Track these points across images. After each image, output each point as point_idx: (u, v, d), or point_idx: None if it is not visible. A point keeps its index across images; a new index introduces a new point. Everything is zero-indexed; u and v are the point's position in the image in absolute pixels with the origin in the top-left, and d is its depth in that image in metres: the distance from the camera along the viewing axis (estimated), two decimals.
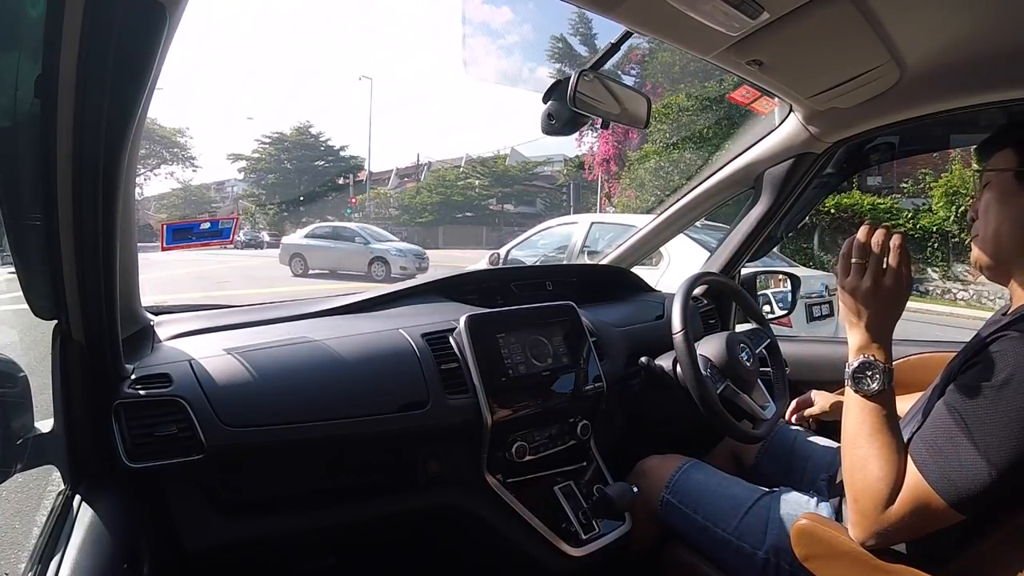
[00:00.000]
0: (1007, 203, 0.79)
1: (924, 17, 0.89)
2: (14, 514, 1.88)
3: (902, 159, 10.60)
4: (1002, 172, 0.80)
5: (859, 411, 0.78)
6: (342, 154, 29.94)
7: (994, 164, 0.82)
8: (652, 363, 1.27)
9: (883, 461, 0.74)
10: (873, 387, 0.77)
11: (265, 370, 0.92)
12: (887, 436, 0.75)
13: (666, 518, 1.11)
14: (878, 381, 0.77)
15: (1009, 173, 0.79)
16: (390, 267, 11.81)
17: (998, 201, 0.80)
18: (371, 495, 1.01)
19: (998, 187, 0.80)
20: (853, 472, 0.77)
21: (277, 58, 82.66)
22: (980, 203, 0.84)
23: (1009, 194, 0.79)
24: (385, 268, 11.81)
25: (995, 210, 0.80)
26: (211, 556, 0.90)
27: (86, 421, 0.80)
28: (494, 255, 5.02)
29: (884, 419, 0.76)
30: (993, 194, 0.81)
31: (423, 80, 79.90)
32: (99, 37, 0.54)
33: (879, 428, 0.76)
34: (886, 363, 0.77)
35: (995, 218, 0.80)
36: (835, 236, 10.70)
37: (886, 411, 0.77)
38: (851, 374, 0.79)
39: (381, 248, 12.42)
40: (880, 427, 0.76)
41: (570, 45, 17.19)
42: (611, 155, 14.99)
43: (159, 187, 31.36)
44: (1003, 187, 0.80)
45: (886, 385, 0.77)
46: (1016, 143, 0.80)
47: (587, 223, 4.80)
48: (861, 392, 0.78)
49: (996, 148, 0.82)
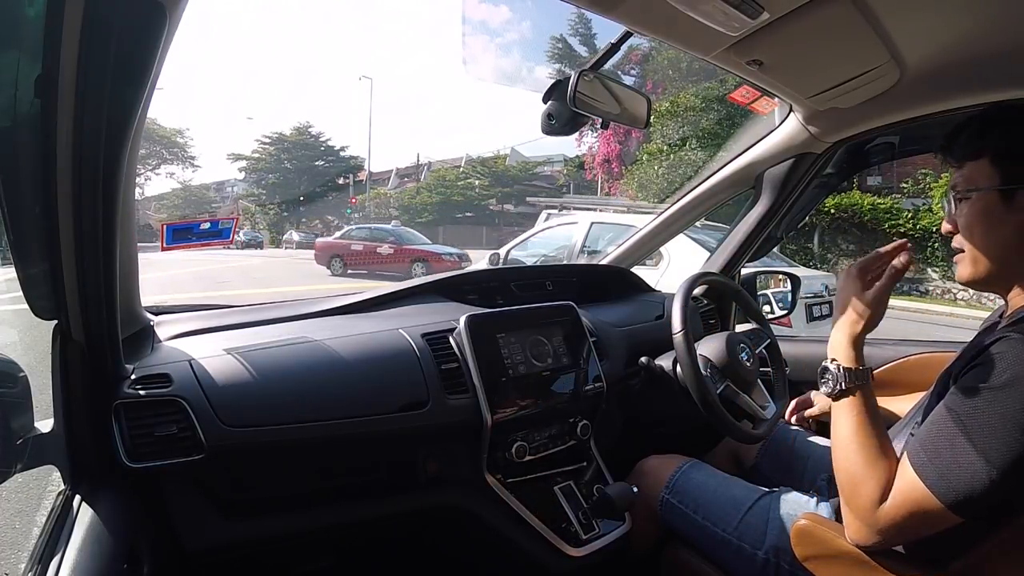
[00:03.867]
0: (995, 225, 0.76)
1: (924, 17, 0.89)
2: (14, 514, 1.88)
3: (902, 159, 10.60)
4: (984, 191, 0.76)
5: (837, 414, 0.82)
6: (342, 154, 29.93)
7: (969, 176, 0.78)
8: (652, 363, 1.27)
9: (866, 460, 0.75)
10: (827, 390, 0.82)
11: (265, 370, 0.92)
12: (866, 436, 0.77)
13: (666, 518, 1.11)
14: (833, 383, 0.81)
15: (992, 191, 0.75)
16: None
17: (983, 221, 0.77)
18: (371, 495, 1.01)
19: (981, 205, 0.76)
20: (840, 474, 0.78)
21: (277, 58, 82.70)
22: (958, 216, 0.80)
23: (995, 215, 0.75)
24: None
25: (982, 230, 0.77)
26: (211, 556, 0.90)
27: (86, 421, 0.80)
28: (494, 255, 5.08)
29: (861, 420, 0.78)
30: (975, 212, 0.77)
31: (423, 80, 79.93)
32: (99, 37, 0.54)
33: (856, 428, 0.78)
34: (854, 366, 0.80)
35: (983, 238, 0.77)
36: (835, 236, 10.70)
37: (863, 412, 0.79)
38: (818, 377, 0.84)
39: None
40: (857, 428, 0.78)
41: (570, 45, 17.19)
42: (611, 155, 15.00)
43: (159, 187, 31.44)
44: (987, 206, 0.76)
45: (844, 388, 0.80)
46: (994, 154, 0.75)
47: (587, 223, 4.86)
48: (827, 395, 0.83)
49: (969, 155, 0.78)
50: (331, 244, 13.32)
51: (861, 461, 0.76)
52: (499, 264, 4.83)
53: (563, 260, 4.77)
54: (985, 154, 0.76)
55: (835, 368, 0.81)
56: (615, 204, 12.97)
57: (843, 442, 0.79)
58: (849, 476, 0.76)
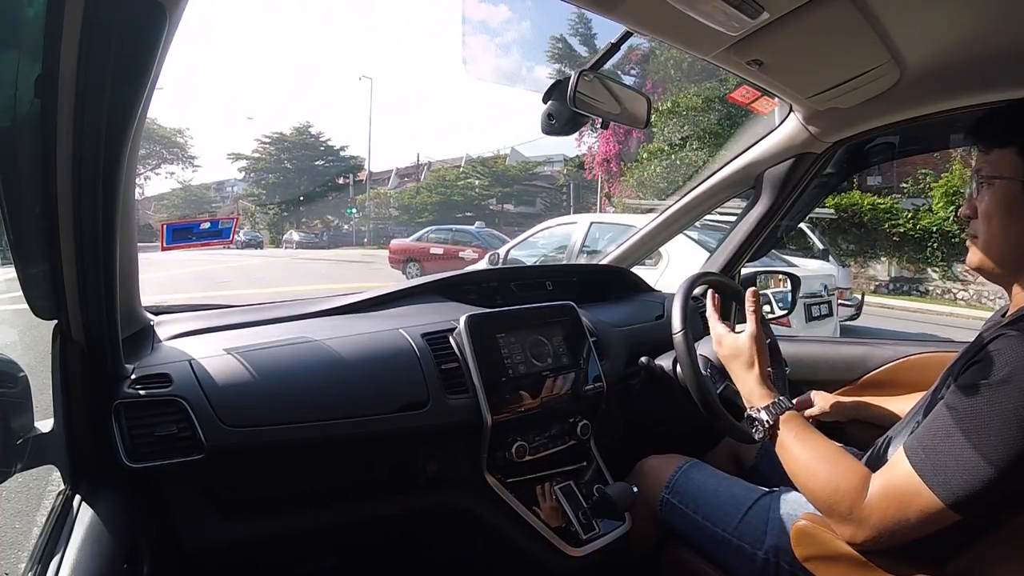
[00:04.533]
0: (1013, 214, 0.76)
1: (924, 17, 0.89)
2: (14, 514, 1.88)
3: (902, 159, 10.58)
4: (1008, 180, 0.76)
5: (784, 445, 0.86)
6: (342, 154, 29.95)
7: (995, 163, 0.77)
8: (652, 363, 1.27)
9: (830, 466, 0.79)
10: (761, 436, 0.89)
11: (265, 370, 0.92)
12: (817, 447, 0.82)
13: (666, 518, 1.11)
14: (759, 432, 0.89)
15: (1015, 182, 0.75)
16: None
17: (1003, 211, 0.77)
18: (371, 495, 1.01)
19: (1002, 194, 0.76)
20: (813, 495, 0.81)
21: (277, 58, 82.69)
22: (979, 202, 0.80)
23: (1016, 206, 0.75)
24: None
25: (1000, 219, 0.77)
26: (211, 556, 0.90)
27: (86, 421, 0.80)
28: (494, 255, 5.09)
29: (805, 438, 0.84)
30: (996, 200, 0.77)
31: (423, 80, 79.96)
32: (99, 37, 0.54)
33: (806, 447, 0.83)
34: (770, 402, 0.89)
35: (1000, 227, 0.77)
36: (835, 236, 10.67)
37: (803, 431, 0.85)
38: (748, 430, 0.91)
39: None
40: (806, 446, 0.83)
41: (570, 45, 17.16)
42: (611, 155, 14.91)
43: (159, 187, 31.41)
44: (1008, 196, 0.76)
45: (773, 426, 0.87)
46: (1022, 145, 0.75)
47: (587, 223, 4.86)
48: (764, 440, 0.90)
49: (998, 142, 0.77)
50: (407, 247, 12.08)
51: (826, 469, 0.79)
52: (499, 264, 4.83)
53: (563, 260, 4.77)
54: (1014, 143, 0.76)
55: (757, 414, 0.89)
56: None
57: (802, 465, 0.82)
58: (821, 489, 0.79)
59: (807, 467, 0.81)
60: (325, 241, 27.54)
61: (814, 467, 0.80)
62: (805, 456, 0.82)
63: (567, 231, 5.05)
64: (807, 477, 0.80)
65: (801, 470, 0.82)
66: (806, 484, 0.81)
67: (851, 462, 0.78)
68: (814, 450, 0.82)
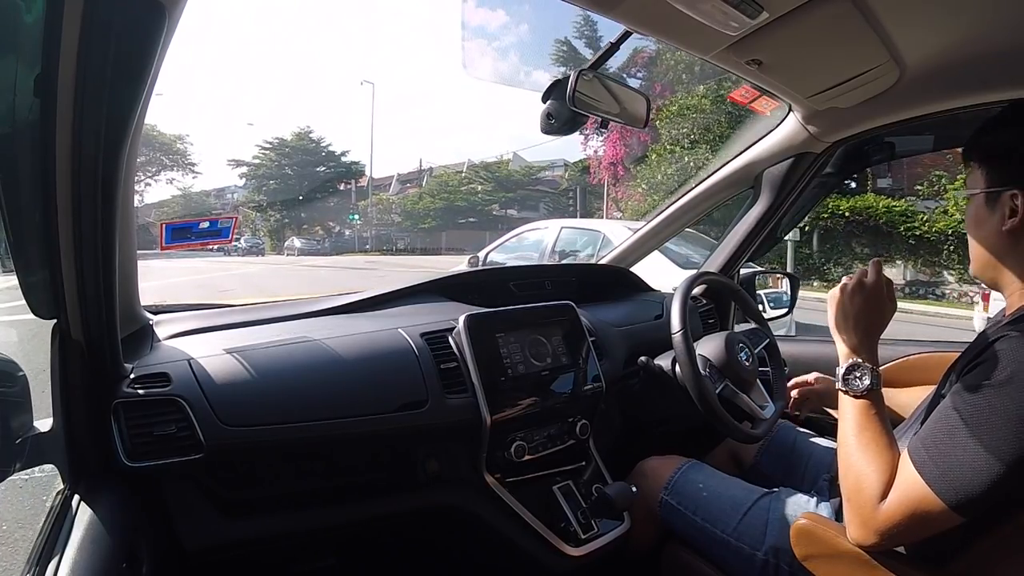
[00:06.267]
0: (981, 227, 0.81)
1: (924, 17, 0.89)
2: (13, 514, 1.87)
3: (915, 160, 10.50)
4: (976, 194, 0.81)
5: (848, 411, 0.82)
6: (343, 159, 29.88)
7: (969, 178, 0.83)
8: (651, 363, 1.27)
9: (870, 456, 0.76)
10: (863, 384, 0.82)
11: (264, 369, 0.92)
12: (874, 432, 0.78)
13: (665, 518, 1.11)
14: (868, 377, 0.82)
15: (981, 195, 0.80)
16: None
17: (973, 224, 0.82)
18: (370, 495, 1.01)
19: (974, 208, 0.82)
20: (845, 470, 0.79)
21: (277, 62, 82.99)
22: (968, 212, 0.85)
23: (981, 216, 0.80)
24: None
25: (973, 233, 0.83)
26: (210, 556, 0.89)
27: (85, 420, 0.80)
28: (473, 258, 5.45)
29: (871, 417, 0.80)
30: (970, 215, 0.83)
31: (425, 85, 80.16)
32: (98, 37, 0.54)
33: (865, 425, 0.79)
34: (873, 366, 0.83)
35: (973, 240, 0.83)
36: (848, 240, 10.56)
37: (874, 410, 0.81)
38: (841, 376, 0.84)
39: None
40: (866, 424, 0.79)
41: (574, 48, 17.17)
42: (619, 158, 14.54)
43: (159, 194, 31.52)
44: (976, 209, 0.81)
45: (875, 384, 0.81)
46: (980, 160, 0.80)
47: (557, 227, 5.50)
48: (852, 391, 0.82)
49: (968, 160, 0.82)
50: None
51: (868, 456, 0.76)
52: (479, 266, 4.98)
53: (536, 260, 5.26)
54: (974, 158, 0.81)
55: (864, 367, 0.83)
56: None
57: (851, 439, 0.80)
58: (854, 472, 0.77)
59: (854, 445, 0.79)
60: (327, 248, 27.53)
61: (861, 452, 0.77)
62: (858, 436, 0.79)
63: (539, 235, 5.57)
64: (850, 454, 0.79)
65: (848, 445, 0.80)
66: (846, 460, 0.79)
67: (891, 460, 0.75)
68: (871, 435, 0.78)
